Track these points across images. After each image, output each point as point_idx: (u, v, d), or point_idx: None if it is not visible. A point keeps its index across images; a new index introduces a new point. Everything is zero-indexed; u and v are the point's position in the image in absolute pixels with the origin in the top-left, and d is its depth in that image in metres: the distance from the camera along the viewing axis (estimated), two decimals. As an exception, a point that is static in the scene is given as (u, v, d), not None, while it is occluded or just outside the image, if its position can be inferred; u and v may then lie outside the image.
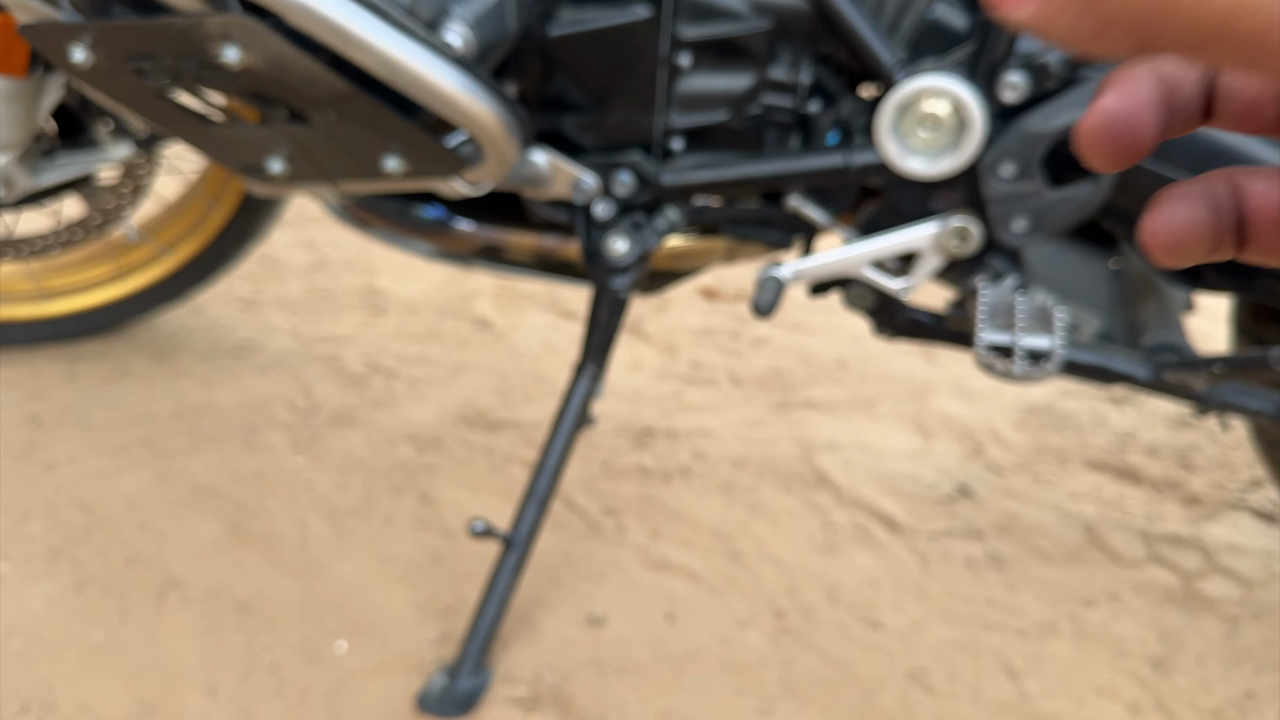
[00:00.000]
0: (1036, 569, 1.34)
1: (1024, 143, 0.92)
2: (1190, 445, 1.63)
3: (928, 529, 1.41)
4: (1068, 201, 0.94)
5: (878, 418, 1.69)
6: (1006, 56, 0.92)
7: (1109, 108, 0.31)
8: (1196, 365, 1.02)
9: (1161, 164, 0.95)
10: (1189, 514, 1.47)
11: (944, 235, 1.01)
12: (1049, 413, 1.69)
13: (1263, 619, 1.27)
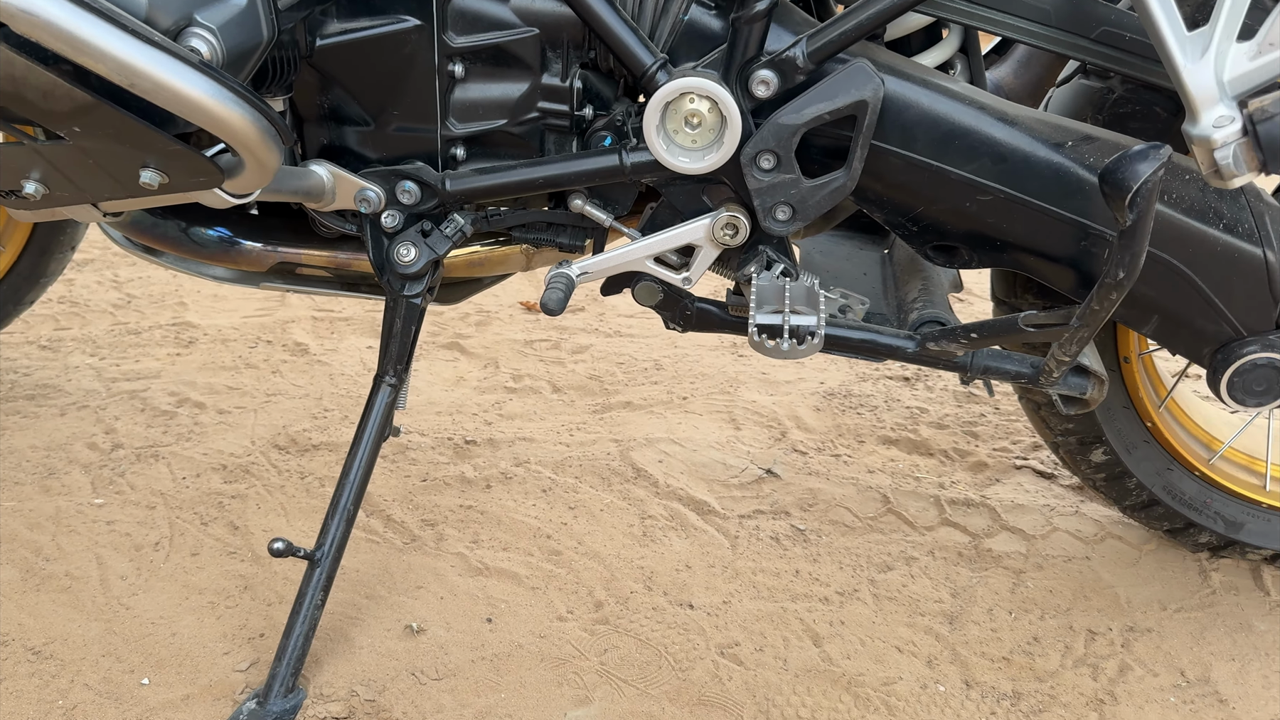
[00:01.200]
0: (839, 540, 1.41)
1: (779, 135, 0.98)
2: (977, 416, 1.76)
3: (738, 512, 1.47)
4: (823, 189, 1.01)
5: (691, 413, 1.75)
6: (756, 55, 0.98)
7: None
8: (955, 334, 1.10)
9: (909, 152, 1.02)
10: (977, 479, 1.58)
11: (716, 228, 1.06)
12: (846, 396, 1.79)
13: (1044, 569, 1.38)
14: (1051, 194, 0.99)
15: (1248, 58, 0.82)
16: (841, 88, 0.96)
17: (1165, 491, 1.31)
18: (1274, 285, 0.99)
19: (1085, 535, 1.44)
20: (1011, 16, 0.97)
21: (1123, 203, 0.85)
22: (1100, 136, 1.00)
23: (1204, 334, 1.03)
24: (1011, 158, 0.99)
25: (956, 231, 1.07)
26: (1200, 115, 0.83)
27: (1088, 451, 1.31)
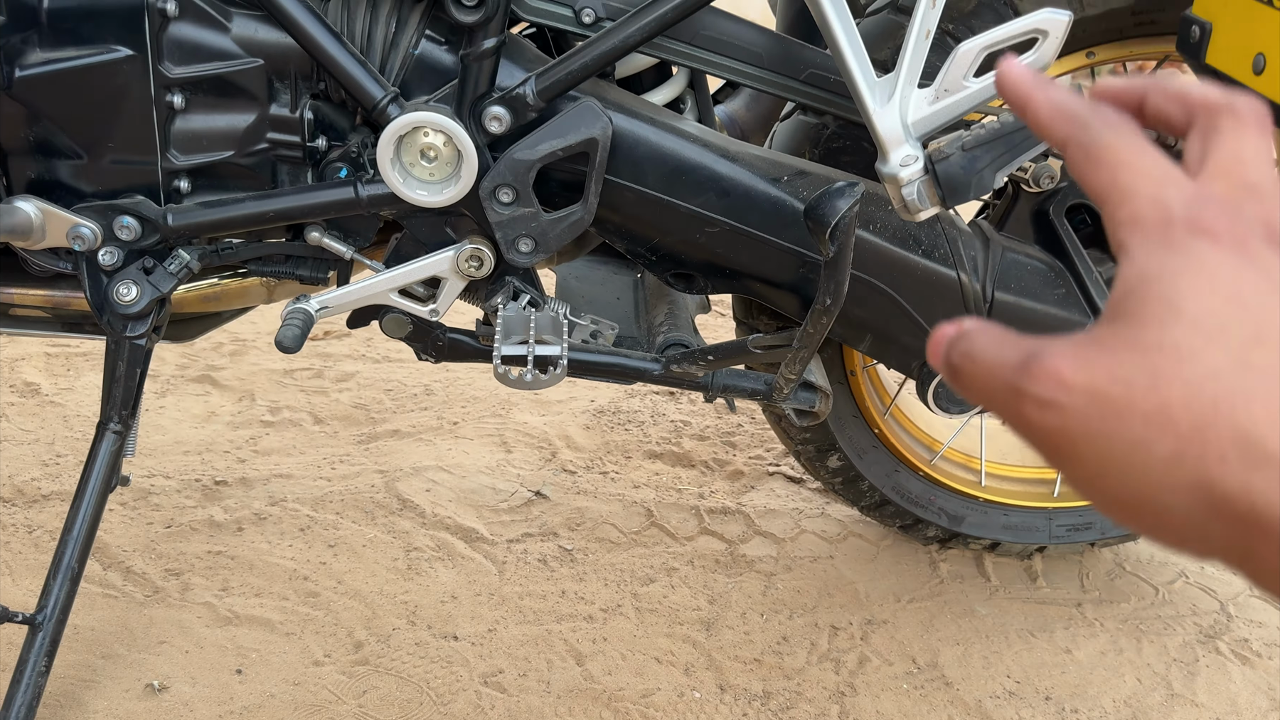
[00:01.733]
0: (604, 556, 1.45)
1: (515, 170, 1.00)
2: (735, 427, 1.84)
3: (506, 536, 1.48)
4: (562, 222, 1.03)
5: (462, 438, 1.74)
6: (488, 91, 1.00)
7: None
8: (695, 357, 1.16)
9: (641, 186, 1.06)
10: (734, 487, 1.66)
11: (461, 260, 1.07)
12: (615, 413, 1.84)
13: (793, 570, 1.46)
14: (771, 225, 1.06)
15: (927, 103, 0.91)
16: (571, 126, 0.99)
17: (895, 491, 1.43)
18: (967, 303, 1.09)
19: (830, 535, 1.54)
20: (728, 59, 1.03)
21: (824, 236, 0.92)
22: (813, 171, 1.08)
23: (911, 349, 1.13)
24: (734, 192, 1.05)
25: (691, 260, 1.13)
26: (889, 155, 0.91)
27: (824, 458, 1.40)
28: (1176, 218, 0.31)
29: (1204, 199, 0.32)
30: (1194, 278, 0.30)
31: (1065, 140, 0.35)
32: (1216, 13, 0.86)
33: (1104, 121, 0.34)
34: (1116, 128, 0.34)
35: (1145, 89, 0.37)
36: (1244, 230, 0.31)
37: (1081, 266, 1.09)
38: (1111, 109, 0.36)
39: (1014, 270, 1.10)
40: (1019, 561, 1.50)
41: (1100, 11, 1.06)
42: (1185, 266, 0.30)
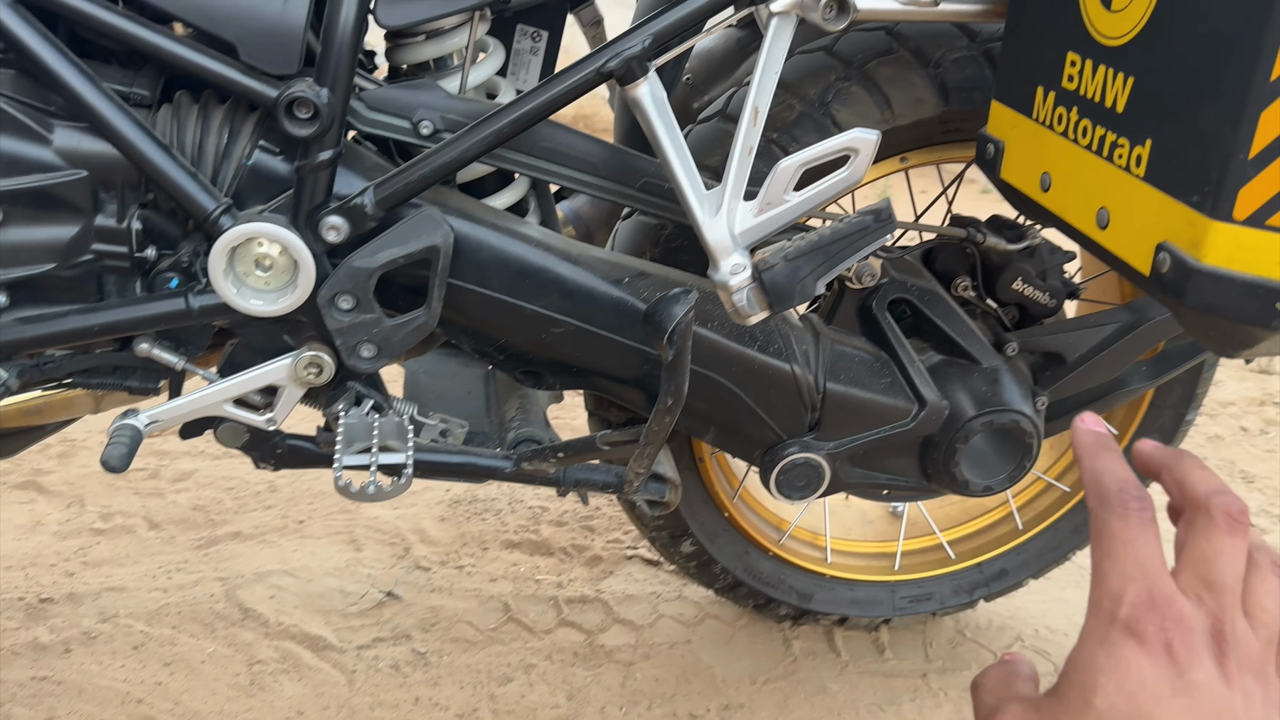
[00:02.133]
0: (460, 657, 1.42)
1: (355, 278, 1.00)
2: (593, 510, 1.85)
3: (356, 642, 1.43)
4: (405, 327, 1.03)
5: (309, 537, 1.69)
6: (325, 201, 0.99)
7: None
8: (546, 454, 1.16)
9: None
10: (592, 573, 1.66)
11: (299, 368, 1.05)
12: (471, 502, 1.82)
13: (652, 658, 1.47)
14: (614, 325, 1.08)
15: (753, 214, 0.95)
16: (412, 233, 0.99)
17: (747, 572, 1.46)
18: (802, 395, 1.14)
19: (687, 618, 1.56)
20: (565, 168, 1.06)
21: (663, 341, 0.95)
22: (652, 272, 1.11)
23: (753, 439, 1.17)
24: (577, 293, 1.07)
25: (538, 359, 1.14)
26: (719, 264, 0.95)
27: (678, 544, 1.42)
28: (1119, 616, 0.39)
29: (1149, 603, 0.38)
30: (1109, 675, 0.37)
31: (1089, 506, 0.43)
32: (1008, 132, 0.94)
33: (1119, 505, 0.42)
34: (1125, 516, 0.41)
35: (1163, 465, 0.46)
36: (1174, 635, 0.38)
37: (904, 356, 1.16)
38: (1135, 486, 0.44)
39: (843, 361, 1.16)
40: (867, 634, 1.54)
41: (911, 121, 1.14)
42: (1107, 663, 0.38)
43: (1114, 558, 0.40)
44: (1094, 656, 0.39)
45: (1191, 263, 0.69)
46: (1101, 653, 0.39)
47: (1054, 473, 1.49)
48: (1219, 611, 0.39)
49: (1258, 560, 0.42)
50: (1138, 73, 0.74)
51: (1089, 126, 0.80)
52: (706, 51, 1.44)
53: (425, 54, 1.12)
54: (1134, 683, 0.37)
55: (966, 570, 1.51)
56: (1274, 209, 0.66)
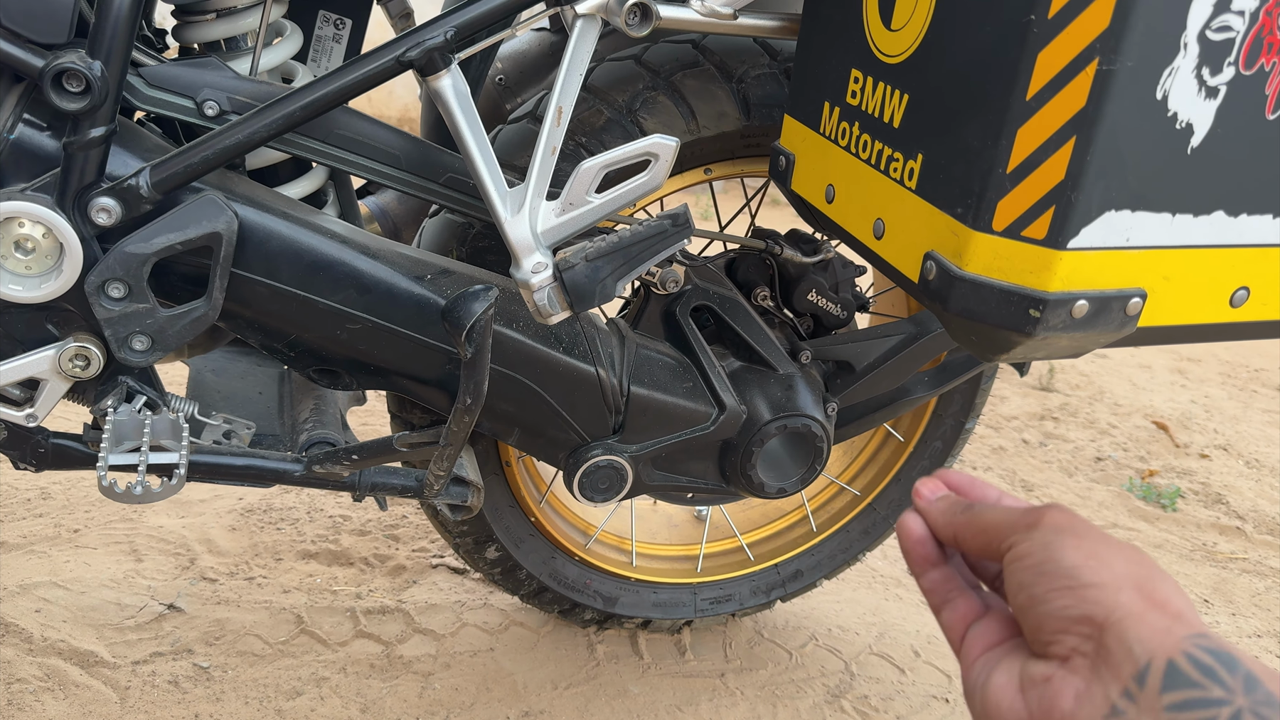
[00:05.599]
0: (246, 672, 1.35)
1: (127, 264, 0.93)
2: (399, 518, 1.80)
3: (131, 658, 1.34)
4: (183, 319, 0.97)
5: (84, 547, 1.57)
6: (96, 181, 0.92)
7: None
8: (339, 457, 1.12)
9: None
10: (394, 583, 1.61)
11: (63, 360, 0.97)
12: (266, 511, 1.73)
13: (452, 667, 1.44)
14: (415, 323, 1.05)
15: (555, 214, 0.95)
16: (192, 219, 0.94)
17: (552, 578, 1.45)
18: (606, 397, 1.15)
19: (491, 626, 1.53)
20: (364, 159, 1.02)
21: (461, 338, 0.93)
22: (457, 270, 1.09)
23: (557, 442, 1.17)
24: (376, 289, 1.04)
25: (333, 357, 1.09)
26: (521, 262, 0.94)
27: (483, 550, 1.40)
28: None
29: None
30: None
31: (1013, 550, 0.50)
32: (798, 146, 0.98)
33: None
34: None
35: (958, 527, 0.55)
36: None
37: (705, 362, 1.18)
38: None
39: (647, 365, 1.17)
40: (670, 636, 1.57)
41: (714, 133, 1.17)
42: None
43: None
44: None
45: (955, 271, 0.73)
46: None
47: (845, 476, 1.56)
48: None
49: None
50: (913, 90, 0.79)
51: (869, 141, 0.84)
52: (520, 53, 1.43)
53: (216, 33, 1.06)
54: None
55: (765, 571, 1.56)
56: (1029, 220, 0.71)
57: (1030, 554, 0.47)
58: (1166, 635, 0.42)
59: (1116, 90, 0.66)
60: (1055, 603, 0.45)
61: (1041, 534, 0.47)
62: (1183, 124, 0.69)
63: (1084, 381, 2.80)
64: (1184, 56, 0.67)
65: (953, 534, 0.54)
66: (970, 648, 0.51)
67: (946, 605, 0.54)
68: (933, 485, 0.57)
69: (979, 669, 0.49)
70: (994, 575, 0.56)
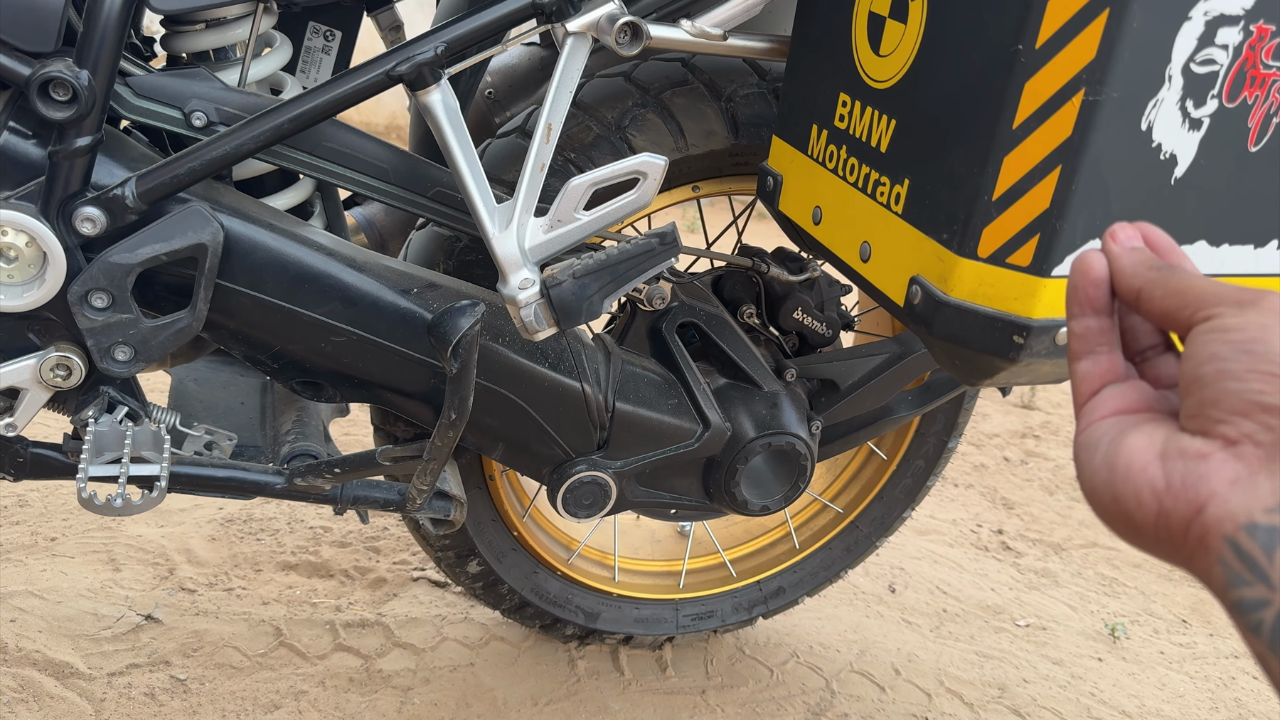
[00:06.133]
0: (224, 684, 1.34)
1: (111, 274, 0.92)
2: (380, 530, 1.79)
3: (108, 669, 1.32)
4: (166, 329, 0.96)
5: (60, 556, 1.55)
6: (81, 190, 0.92)
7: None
8: (321, 470, 1.11)
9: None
10: (375, 596, 1.60)
11: (44, 369, 0.96)
12: (246, 521, 1.72)
13: (432, 682, 1.43)
14: (400, 336, 1.05)
15: (543, 231, 0.95)
16: (177, 229, 0.93)
17: (534, 593, 1.44)
18: (591, 413, 1.15)
19: (472, 641, 1.53)
20: (352, 172, 1.02)
21: (447, 353, 0.93)
22: (443, 284, 1.09)
23: (541, 457, 1.16)
24: (361, 302, 1.04)
25: (318, 369, 1.09)
26: (508, 278, 0.94)
27: (465, 564, 1.39)
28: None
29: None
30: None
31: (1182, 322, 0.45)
32: (786, 167, 0.99)
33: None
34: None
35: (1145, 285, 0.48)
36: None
37: (691, 379, 1.18)
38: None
39: (632, 382, 1.17)
40: (651, 652, 1.56)
41: (702, 152, 1.18)
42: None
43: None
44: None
45: (940, 296, 0.74)
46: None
47: (829, 494, 1.56)
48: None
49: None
50: (900, 115, 0.79)
51: (856, 164, 0.85)
52: (510, 68, 1.44)
53: (205, 43, 1.06)
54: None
55: (747, 588, 1.56)
56: (1014, 248, 0.72)
57: (1240, 328, 0.42)
58: None
59: (1102, 120, 0.67)
60: (1251, 383, 0.40)
61: (1259, 313, 0.42)
62: (1167, 155, 0.70)
63: (1066, 400, 2.81)
64: (1169, 88, 0.68)
65: (1138, 286, 0.47)
66: (1101, 403, 0.47)
67: (1090, 355, 0.49)
68: (1130, 233, 0.50)
69: (1108, 425, 0.45)
70: (1149, 345, 0.51)
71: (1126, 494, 0.42)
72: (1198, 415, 0.42)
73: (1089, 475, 0.44)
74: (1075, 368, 0.49)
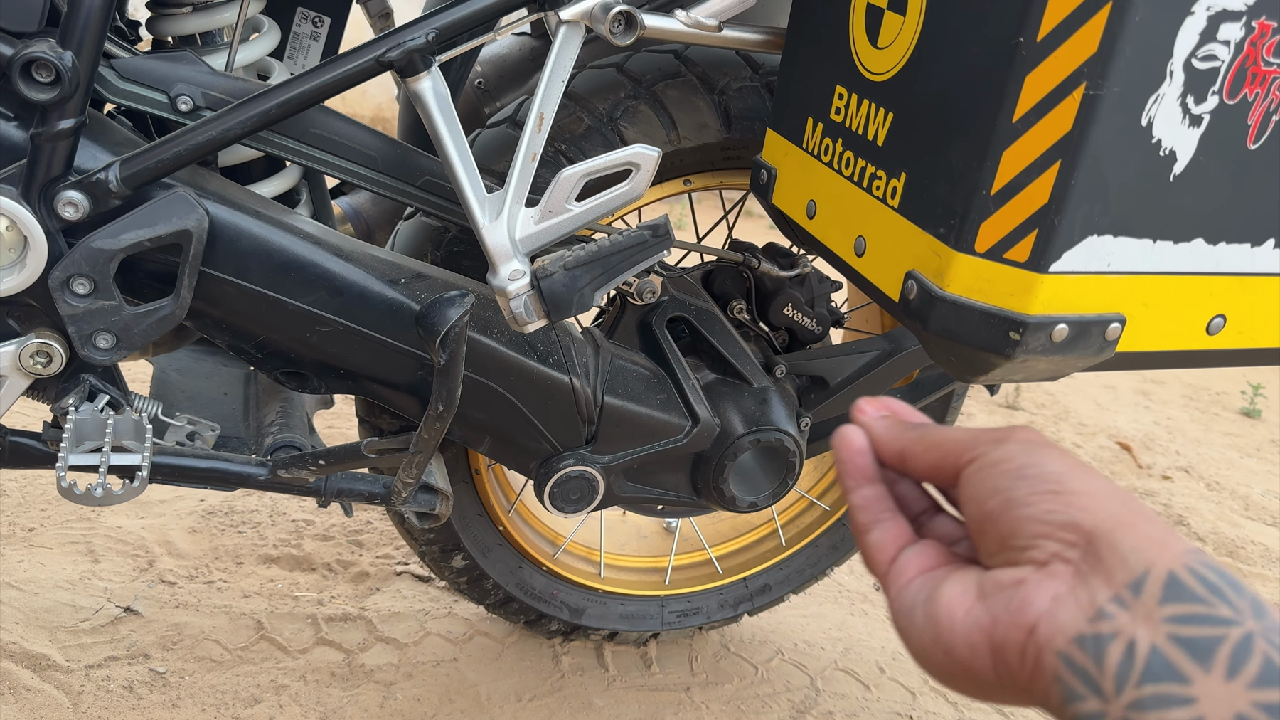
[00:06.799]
0: (203, 678, 1.32)
1: (93, 260, 0.91)
2: (363, 524, 1.77)
3: (85, 661, 1.30)
4: (149, 317, 0.95)
5: (38, 547, 1.53)
6: (63, 174, 0.90)
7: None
8: (305, 461, 1.10)
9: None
10: (357, 590, 1.58)
11: (24, 356, 0.94)
12: (228, 513, 1.70)
13: (415, 677, 1.41)
14: (387, 327, 1.04)
15: (534, 221, 0.94)
16: (162, 215, 0.91)
17: (519, 588, 1.43)
18: (580, 407, 1.14)
19: (455, 636, 1.51)
20: (340, 159, 1.01)
21: (435, 344, 0.92)
22: (431, 274, 1.08)
23: (529, 451, 1.15)
24: (348, 291, 1.02)
25: (302, 359, 1.07)
26: (498, 269, 0.93)
27: (449, 558, 1.38)
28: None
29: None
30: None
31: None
32: (780, 160, 0.98)
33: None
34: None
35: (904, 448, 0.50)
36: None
37: (680, 374, 1.17)
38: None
39: (621, 376, 1.16)
40: (636, 649, 1.55)
41: (694, 145, 1.17)
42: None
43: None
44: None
45: (936, 291, 0.73)
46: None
47: (816, 491, 1.55)
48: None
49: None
50: (897, 109, 0.78)
51: (851, 158, 0.84)
52: (500, 57, 1.42)
53: (191, 26, 1.04)
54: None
55: (733, 585, 1.55)
56: (1012, 243, 0.71)
57: (1008, 459, 0.43)
58: (1164, 548, 0.39)
59: (1103, 115, 0.66)
60: (1039, 505, 0.41)
61: (1016, 445, 0.44)
62: (1166, 151, 0.70)
63: (1049, 400, 2.82)
64: (1169, 84, 0.67)
65: (899, 449, 0.49)
66: (904, 568, 0.47)
67: (878, 525, 0.49)
68: (876, 404, 0.52)
69: (918, 586, 0.45)
70: (920, 510, 0.52)
71: (957, 644, 0.42)
72: (1001, 550, 0.43)
73: (915, 637, 0.44)
74: (867, 541, 0.49)
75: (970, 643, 0.41)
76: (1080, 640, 0.38)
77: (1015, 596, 0.40)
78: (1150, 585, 0.38)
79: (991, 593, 0.42)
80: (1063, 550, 0.40)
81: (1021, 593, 0.40)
